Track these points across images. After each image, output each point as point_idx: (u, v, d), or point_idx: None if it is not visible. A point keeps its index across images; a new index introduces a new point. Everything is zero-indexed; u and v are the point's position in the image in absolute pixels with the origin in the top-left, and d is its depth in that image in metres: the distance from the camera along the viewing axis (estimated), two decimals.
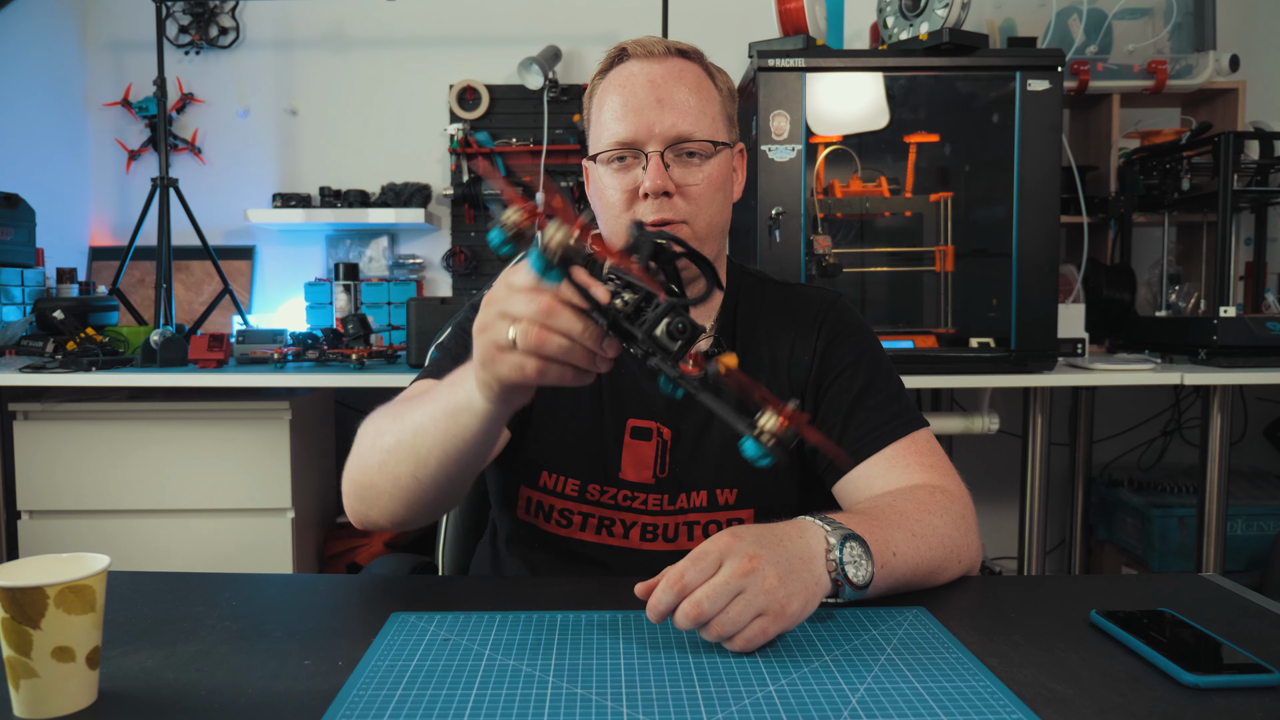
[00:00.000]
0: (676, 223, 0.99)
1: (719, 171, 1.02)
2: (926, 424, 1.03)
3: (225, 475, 2.28)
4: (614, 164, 1.01)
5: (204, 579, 0.92)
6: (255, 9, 2.88)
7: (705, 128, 1.00)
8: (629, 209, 1.00)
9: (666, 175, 0.98)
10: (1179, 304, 2.62)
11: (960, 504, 0.94)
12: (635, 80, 1.00)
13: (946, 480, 0.98)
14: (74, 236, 2.89)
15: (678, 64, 1.02)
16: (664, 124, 0.98)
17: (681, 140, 0.99)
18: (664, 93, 0.99)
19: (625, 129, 0.99)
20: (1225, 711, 0.63)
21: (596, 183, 1.04)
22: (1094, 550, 2.86)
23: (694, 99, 1.00)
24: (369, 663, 0.71)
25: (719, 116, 1.03)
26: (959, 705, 0.64)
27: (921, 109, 2.37)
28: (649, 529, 1.04)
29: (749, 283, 1.12)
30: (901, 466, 0.98)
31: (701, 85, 1.02)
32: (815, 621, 0.79)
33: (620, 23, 2.86)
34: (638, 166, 1.00)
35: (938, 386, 2.48)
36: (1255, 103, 2.69)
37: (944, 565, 0.89)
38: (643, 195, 0.99)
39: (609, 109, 1.01)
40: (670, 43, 1.03)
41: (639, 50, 1.02)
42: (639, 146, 0.99)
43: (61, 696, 0.63)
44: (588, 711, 0.63)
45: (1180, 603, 0.84)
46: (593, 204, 1.07)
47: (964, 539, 0.91)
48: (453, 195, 2.80)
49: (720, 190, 1.03)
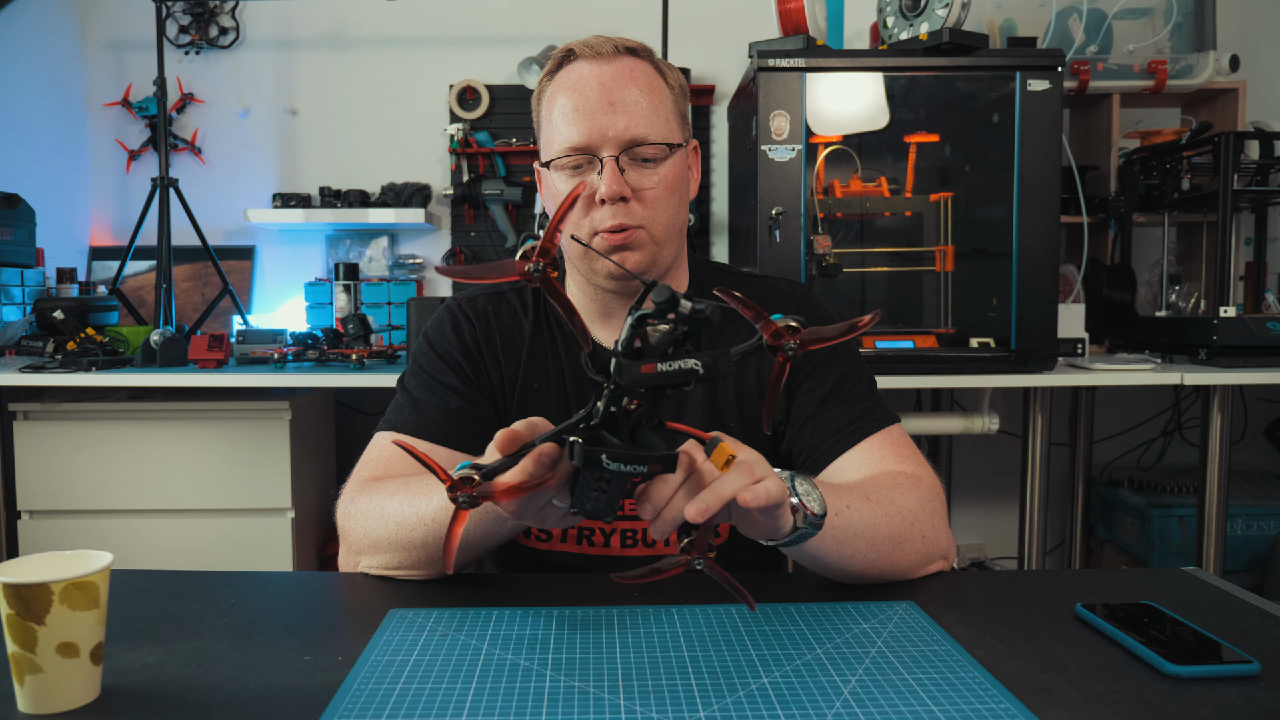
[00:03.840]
0: (633, 228, 0.97)
1: (674, 173, 1.00)
2: (898, 419, 1.04)
3: (225, 475, 2.28)
4: (567, 170, 0.99)
5: (203, 577, 0.93)
6: (255, 9, 2.89)
7: (659, 129, 0.98)
8: (586, 215, 0.98)
9: (623, 180, 0.96)
10: (1179, 304, 2.62)
11: (928, 490, 0.95)
12: (585, 82, 0.98)
13: (918, 470, 0.99)
14: (74, 236, 2.90)
15: (628, 63, 0.99)
16: (617, 127, 0.96)
17: (636, 144, 0.97)
18: (615, 95, 0.97)
19: (578, 133, 0.97)
20: (1206, 701, 0.65)
21: (550, 188, 1.02)
22: (1094, 550, 2.86)
23: (646, 100, 0.98)
24: (368, 658, 0.72)
25: (672, 116, 1.01)
26: (948, 696, 0.65)
27: (921, 109, 2.37)
28: (628, 535, 1.04)
29: (714, 277, 1.11)
30: (876, 459, 0.98)
31: (653, 85, 1.00)
32: (808, 617, 0.80)
33: (620, 23, 2.87)
34: (592, 171, 0.98)
35: (938, 386, 2.49)
36: (1255, 103, 2.69)
37: (905, 537, 0.88)
38: (599, 201, 0.97)
39: (559, 112, 0.99)
40: (618, 40, 1.01)
41: (587, 51, 0.99)
42: (592, 151, 0.97)
43: (65, 691, 0.64)
44: (585, 705, 0.64)
45: (1164, 596, 0.85)
46: (547, 208, 1.06)
47: (928, 519, 0.92)
48: (453, 195, 2.80)
49: (676, 192, 1.01)
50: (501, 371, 1.06)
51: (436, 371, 1.04)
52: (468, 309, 1.08)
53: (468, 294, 1.11)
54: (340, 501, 0.97)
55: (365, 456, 1.01)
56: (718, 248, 2.88)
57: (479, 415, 1.03)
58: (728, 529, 1.06)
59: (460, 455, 1.01)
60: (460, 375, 1.04)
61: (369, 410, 2.88)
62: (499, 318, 1.07)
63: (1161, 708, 0.63)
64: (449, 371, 1.04)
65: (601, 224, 0.97)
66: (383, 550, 0.90)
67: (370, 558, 0.92)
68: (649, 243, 0.99)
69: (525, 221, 2.86)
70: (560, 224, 0.68)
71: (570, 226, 1.00)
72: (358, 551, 0.94)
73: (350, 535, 0.94)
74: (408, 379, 1.06)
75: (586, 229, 0.99)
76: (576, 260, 1.03)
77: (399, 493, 0.90)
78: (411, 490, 0.90)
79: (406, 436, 1.00)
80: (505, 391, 1.06)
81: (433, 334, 1.08)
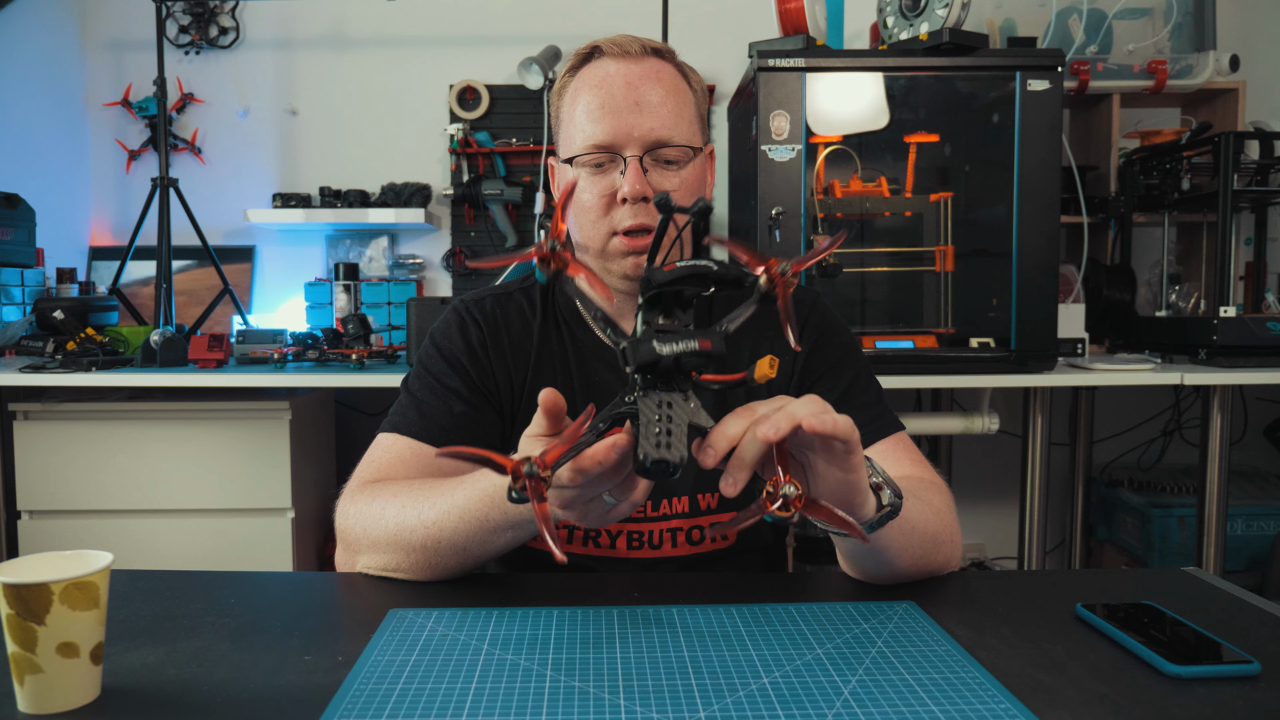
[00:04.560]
0: (654, 229, 0.96)
1: (695, 176, 1.00)
2: (904, 426, 1.04)
3: (225, 475, 2.28)
4: (589, 167, 0.99)
5: (203, 577, 0.93)
6: (255, 9, 2.89)
7: (683, 132, 0.98)
8: (606, 214, 0.98)
9: (645, 180, 0.96)
10: (1179, 304, 2.62)
11: (948, 495, 0.96)
12: (612, 80, 0.97)
13: (932, 474, 0.99)
14: (74, 236, 2.90)
15: (654, 64, 0.99)
16: (643, 128, 0.96)
17: (660, 145, 0.97)
18: (641, 95, 0.97)
19: (602, 131, 0.97)
20: (1206, 701, 0.65)
21: (565, 184, 1.02)
22: (1094, 550, 2.86)
23: (671, 101, 0.98)
24: (368, 658, 0.72)
25: (694, 119, 1.01)
26: (948, 696, 0.65)
27: (921, 109, 2.37)
28: (634, 537, 1.04)
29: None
30: (891, 462, 0.98)
31: (678, 87, 1.00)
32: (808, 617, 0.80)
33: (620, 23, 2.86)
34: (614, 170, 0.98)
35: (938, 386, 2.49)
36: (1255, 103, 2.69)
37: (939, 539, 0.89)
38: (621, 200, 0.97)
39: (583, 109, 0.98)
40: (645, 41, 1.01)
41: (614, 49, 0.99)
42: (616, 150, 0.97)
43: (66, 692, 0.63)
44: (585, 705, 0.64)
45: (1164, 596, 0.85)
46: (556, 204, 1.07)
47: (953, 523, 0.93)
48: (453, 195, 2.80)
49: (695, 194, 1.00)
50: (510, 374, 1.05)
51: (441, 374, 1.04)
52: (475, 311, 1.08)
53: (475, 295, 1.10)
54: (340, 502, 0.97)
55: (367, 458, 1.01)
56: (717, 248, 2.88)
57: (482, 420, 1.03)
58: (735, 535, 1.06)
59: (460, 460, 1.01)
60: (465, 379, 1.03)
61: (369, 410, 2.88)
62: (507, 319, 1.07)
63: (1161, 708, 0.63)
64: (454, 375, 1.03)
65: (621, 224, 0.97)
66: (382, 550, 0.90)
67: (369, 557, 0.92)
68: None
69: (525, 221, 2.86)
70: (564, 210, 0.68)
71: (589, 225, 1.00)
72: (355, 551, 0.94)
73: (349, 535, 0.94)
74: (412, 380, 1.06)
75: (605, 228, 0.98)
76: (592, 260, 1.03)
77: (401, 494, 0.90)
78: (414, 494, 0.89)
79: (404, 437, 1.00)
80: (513, 393, 1.05)
81: (439, 336, 1.08)
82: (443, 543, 0.86)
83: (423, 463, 0.98)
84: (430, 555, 0.87)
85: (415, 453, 0.98)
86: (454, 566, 0.88)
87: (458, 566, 0.89)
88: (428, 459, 0.98)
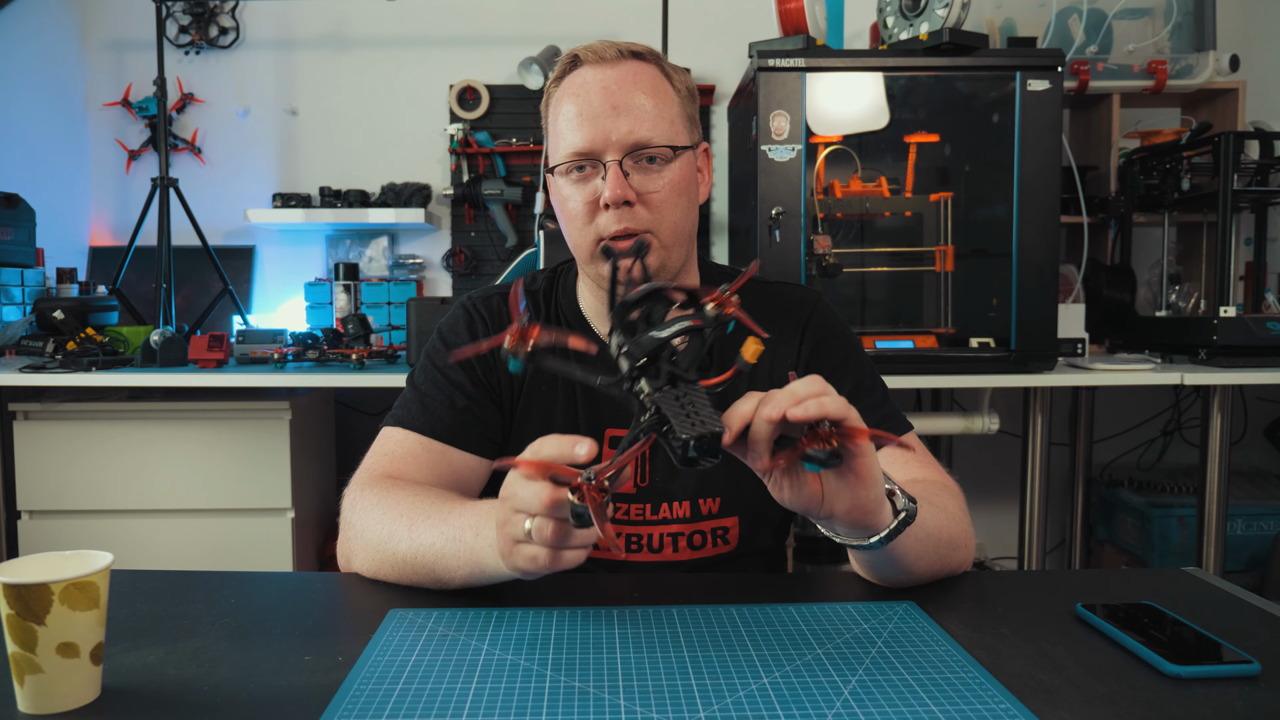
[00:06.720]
0: (641, 233, 0.97)
1: (681, 175, 0.99)
2: (913, 426, 1.04)
3: (225, 475, 2.28)
4: (572, 175, 0.99)
5: (203, 577, 0.93)
6: (255, 9, 2.89)
7: (664, 132, 0.97)
8: (591, 220, 0.98)
9: (626, 184, 0.96)
10: (1179, 304, 2.62)
11: (960, 497, 0.96)
12: (589, 87, 0.97)
13: (944, 476, 0.99)
14: (74, 236, 2.90)
15: (632, 67, 0.99)
16: (620, 131, 0.95)
17: (640, 147, 0.96)
18: (619, 98, 0.96)
19: (581, 138, 0.96)
20: (1206, 701, 0.65)
21: (557, 194, 1.02)
22: (1094, 550, 2.86)
23: (650, 102, 0.97)
24: (369, 658, 0.72)
25: (678, 118, 1.00)
26: (948, 696, 0.65)
27: (921, 109, 2.38)
28: (633, 539, 1.04)
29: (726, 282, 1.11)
30: (901, 464, 0.98)
31: (658, 87, 0.99)
32: (808, 617, 0.80)
33: (620, 23, 2.87)
34: (597, 176, 0.97)
35: (938, 386, 2.48)
36: (1255, 103, 2.69)
37: (954, 543, 0.89)
38: (603, 205, 0.96)
39: (564, 118, 0.98)
40: (623, 45, 1.00)
41: (590, 56, 0.99)
42: (596, 156, 0.97)
43: (66, 692, 0.64)
44: (585, 705, 0.64)
45: (1164, 596, 0.85)
46: (558, 216, 1.06)
47: (968, 526, 0.93)
48: (453, 195, 2.81)
49: (683, 195, 1.00)
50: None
51: (446, 369, 1.05)
52: (482, 308, 1.09)
53: (482, 292, 1.12)
54: (348, 490, 0.97)
55: (375, 450, 1.01)
56: (718, 248, 2.88)
57: (485, 415, 1.04)
58: (736, 537, 1.06)
59: (464, 454, 1.02)
60: (469, 374, 1.04)
61: (369, 410, 2.88)
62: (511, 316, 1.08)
63: (1161, 708, 0.63)
64: (458, 370, 1.04)
65: (606, 229, 0.97)
66: (372, 552, 0.91)
67: (362, 556, 0.92)
68: (656, 247, 0.98)
69: (525, 221, 2.86)
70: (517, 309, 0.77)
71: (576, 233, 1.00)
72: (350, 540, 0.94)
73: (350, 527, 0.94)
74: (417, 375, 1.07)
75: (592, 235, 0.98)
76: (585, 265, 1.03)
77: (403, 503, 0.90)
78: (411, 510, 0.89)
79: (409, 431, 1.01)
80: (514, 391, 1.06)
81: (446, 331, 1.09)
82: (423, 567, 0.86)
83: (429, 457, 1.00)
84: (417, 572, 0.87)
85: (422, 447, 1.00)
86: (430, 585, 0.88)
87: (434, 586, 0.88)
88: (434, 453, 1.00)
